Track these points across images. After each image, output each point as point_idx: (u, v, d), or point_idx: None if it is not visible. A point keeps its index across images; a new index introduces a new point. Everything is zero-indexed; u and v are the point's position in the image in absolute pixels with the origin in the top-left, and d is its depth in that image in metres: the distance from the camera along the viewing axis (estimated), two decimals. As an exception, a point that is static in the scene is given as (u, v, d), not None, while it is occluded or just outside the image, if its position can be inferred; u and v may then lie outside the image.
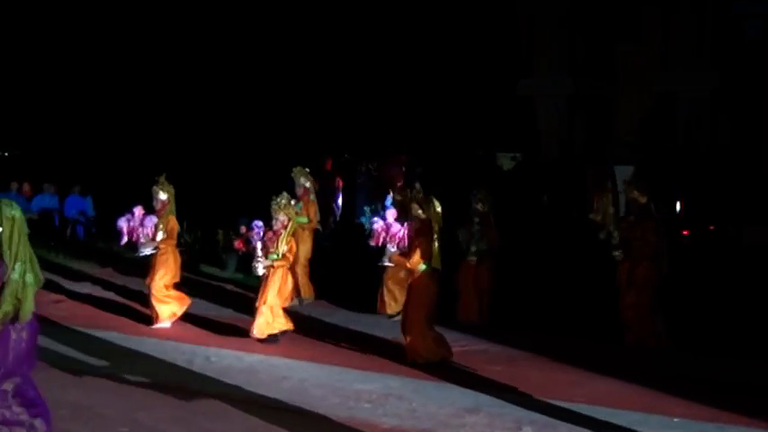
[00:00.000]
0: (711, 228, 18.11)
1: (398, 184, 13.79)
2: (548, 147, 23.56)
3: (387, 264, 12.03)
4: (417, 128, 23.64)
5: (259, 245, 11.05)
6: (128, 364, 9.85)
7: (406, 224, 10.71)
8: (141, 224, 11.92)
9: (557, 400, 8.72)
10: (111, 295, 14.65)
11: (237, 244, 11.24)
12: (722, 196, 18.77)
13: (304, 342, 11.23)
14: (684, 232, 16.92)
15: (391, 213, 12.05)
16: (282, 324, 11.12)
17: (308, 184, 14.16)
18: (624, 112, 23.12)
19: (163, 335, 11.59)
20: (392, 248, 11.66)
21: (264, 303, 11.07)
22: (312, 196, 14.25)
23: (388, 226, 11.85)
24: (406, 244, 10.79)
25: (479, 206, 12.68)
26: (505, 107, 23.77)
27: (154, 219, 11.97)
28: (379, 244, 12.00)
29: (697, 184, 19.01)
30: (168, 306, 12.09)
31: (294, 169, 14.20)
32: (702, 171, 19.54)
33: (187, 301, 12.29)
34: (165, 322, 12.01)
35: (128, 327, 12.11)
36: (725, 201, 18.67)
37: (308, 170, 14.29)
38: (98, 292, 14.96)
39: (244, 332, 11.73)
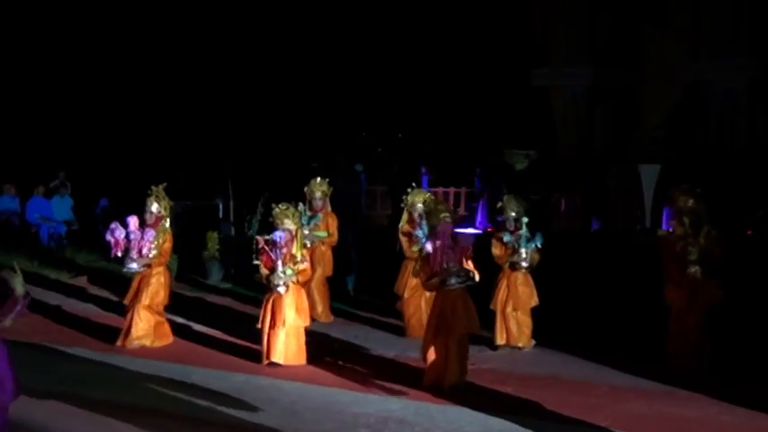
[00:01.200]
0: (749, 233, 18.17)
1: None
2: (565, 143, 23.61)
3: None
4: (420, 124, 23.70)
5: (280, 259, 10.90)
6: (98, 385, 9.87)
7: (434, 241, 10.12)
8: (142, 237, 11.82)
9: (574, 424, 8.75)
10: (80, 308, 14.68)
11: (265, 260, 11.09)
12: (760, 198, 18.81)
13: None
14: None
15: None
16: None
17: (323, 195, 14.05)
18: (650, 105, 23.18)
19: (137, 352, 11.61)
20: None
21: (284, 325, 10.91)
22: (329, 208, 14.18)
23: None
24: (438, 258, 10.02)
25: (513, 213, 12.24)
26: (518, 100, 23.83)
27: (153, 233, 11.89)
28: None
29: (732, 185, 19.05)
30: (150, 326, 12.02)
31: (311, 182, 14.09)
32: (738, 170, 19.58)
33: (169, 338, 12.22)
34: (142, 341, 12.01)
35: (97, 343, 12.11)
36: (764, 203, 18.71)
37: (327, 180, 14.22)
38: (66, 304, 14.98)
39: (229, 348, 11.77)
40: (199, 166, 23.45)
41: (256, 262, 11.13)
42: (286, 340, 10.94)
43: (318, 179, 14.15)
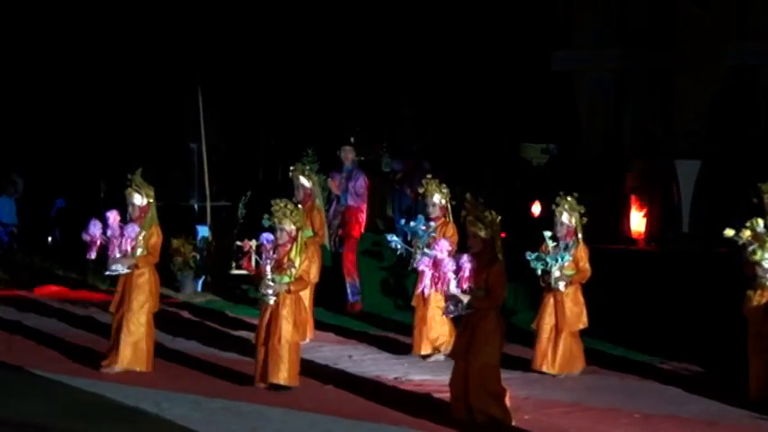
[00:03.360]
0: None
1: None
2: (590, 136, 23.61)
3: (455, 314, 10.04)
4: (425, 111, 23.71)
5: (269, 265, 10.88)
6: (52, 410, 9.87)
7: (466, 256, 9.84)
8: (121, 234, 11.66)
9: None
10: (31, 322, 14.70)
11: (245, 264, 11.08)
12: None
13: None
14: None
15: (443, 246, 10.26)
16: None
17: (309, 185, 14.01)
18: (688, 92, 23.17)
19: (99, 374, 11.56)
20: (455, 291, 9.92)
21: (280, 342, 10.86)
22: (318, 201, 14.14)
23: (438, 262, 10.02)
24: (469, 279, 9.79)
25: (566, 218, 11.97)
26: (536, 86, 23.84)
27: (136, 228, 11.75)
28: (432, 290, 10.34)
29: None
30: (142, 348, 11.84)
31: (291, 168, 14.05)
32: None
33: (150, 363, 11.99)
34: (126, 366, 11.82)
35: (50, 363, 12.11)
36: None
37: (309, 168, 14.11)
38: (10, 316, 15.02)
39: (205, 370, 11.76)
40: (169, 161, 23.41)
41: (235, 271, 11.12)
42: (278, 359, 10.89)
43: (300, 164, 14.07)
